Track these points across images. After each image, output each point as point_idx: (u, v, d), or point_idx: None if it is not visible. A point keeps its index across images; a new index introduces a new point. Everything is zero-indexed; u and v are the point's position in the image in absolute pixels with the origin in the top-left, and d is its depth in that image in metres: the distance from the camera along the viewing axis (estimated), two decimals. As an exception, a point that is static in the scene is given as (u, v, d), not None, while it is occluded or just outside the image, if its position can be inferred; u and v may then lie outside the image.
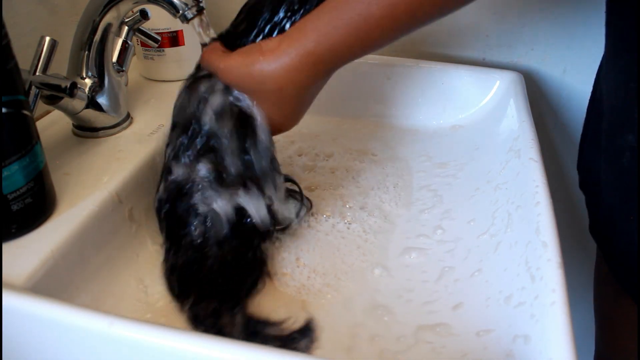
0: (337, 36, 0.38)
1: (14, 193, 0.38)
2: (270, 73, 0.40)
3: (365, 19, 0.37)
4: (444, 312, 0.42)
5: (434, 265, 0.47)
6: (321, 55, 0.39)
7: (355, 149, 0.62)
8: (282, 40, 0.40)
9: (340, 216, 0.52)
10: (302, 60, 0.39)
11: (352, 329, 0.41)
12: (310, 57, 0.39)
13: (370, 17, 0.37)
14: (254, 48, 0.41)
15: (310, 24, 0.39)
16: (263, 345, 0.30)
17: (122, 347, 0.32)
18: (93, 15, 0.49)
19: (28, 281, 0.36)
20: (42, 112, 0.56)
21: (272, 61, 0.40)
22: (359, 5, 0.37)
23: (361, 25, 0.38)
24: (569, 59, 0.69)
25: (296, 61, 0.39)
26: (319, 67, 0.40)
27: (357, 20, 0.38)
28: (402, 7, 0.37)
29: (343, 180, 0.57)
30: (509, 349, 0.36)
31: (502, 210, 0.48)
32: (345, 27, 0.38)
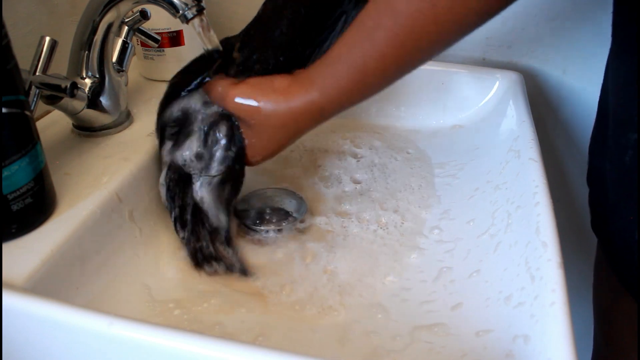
0: (338, 88, 0.42)
1: (14, 193, 0.38)
2: (278, 111, 0.43)
3: (362, 71, 0.40)
4: (443, 312, 0.42)
5: (432, 265, 0.47)
6: (324, 105, 0.42)
7: (355, 148, 0.62)
8: (292, 84, 0.43)
9: (337, 214, 0.52)
10: (307, 106, 0.42)
11: (352, 328, 0.41)
12: (314, 105, 0.42)
13: (366, 68, 0.40)
14: (265, 83, 0.44)
15: (316, 74, 0.43)
16: (263, 346, 0.30)
17: (122, 347, 0.32)
18: (93, 15, 0.48)
19: (28, 281, 0.36)
20: (42, 112, 0.56)
21: (282, 101, 0.43)
22: (356, 58, 0.40)
23: (359, 77, 0.41)
24: (569, 59, 0.69)
25: (302, 107, 0.42)
26: (321, 114, 0.43)
27: (355, 72, 0.41)
28: (390, 58, 0.40)
29: (343, 179, 0.57)
30: (509, 349, 0.36)
31: (502, 210, 0.48)
32: (346, 80, 0.41)
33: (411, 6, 0.37)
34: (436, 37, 0.38)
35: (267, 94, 0.43)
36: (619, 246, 0.48)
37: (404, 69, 0.41)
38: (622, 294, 0.51)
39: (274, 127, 0.44)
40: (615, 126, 0.47)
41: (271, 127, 0.44)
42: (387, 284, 0.46)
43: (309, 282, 0.46)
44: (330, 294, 0.45)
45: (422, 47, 0.39)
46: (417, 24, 0.37)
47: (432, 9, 0.37)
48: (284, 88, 0.43)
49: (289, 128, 0.44)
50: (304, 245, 0.49)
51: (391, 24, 0.38)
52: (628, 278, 0.48)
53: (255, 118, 0.44)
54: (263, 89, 0.44)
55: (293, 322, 0.42)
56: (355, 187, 0.56)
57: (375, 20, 0.39)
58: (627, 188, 0.45)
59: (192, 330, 0.31)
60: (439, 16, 0.37)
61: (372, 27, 0.39)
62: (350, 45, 0.41)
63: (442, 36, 0.38)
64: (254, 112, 0.44)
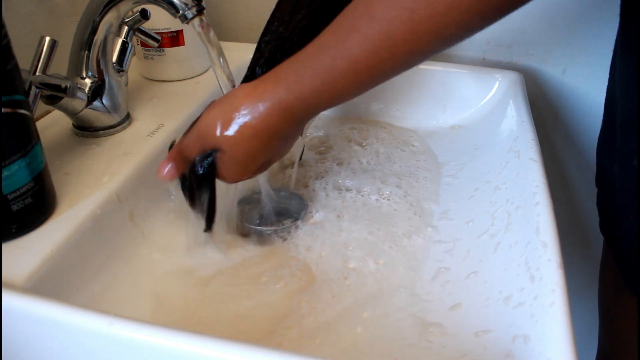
0: (305, 85, 0.40)
1: (14, 193, 0.38)
2: (247, 118, 0.41)
3: (331, 71, 0.39)
4: (442, 312, 0.42)
5: (431, 265, 0.47)
6: (292, 103, 0.40)
7: (354, 148, 0.62)
8: (258, 85, 0.41)
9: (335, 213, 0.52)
10: (274, 106, 0.40)
11: (352, 328, 0.42)
12: (282, 103, 0.40)
13: (335, 69, 0.38)
14: (229, 97, 0.42)
15: (283, 71, 0.41)
16: (263, 346, 0.30)
17: (121, 347, 0.32)
18: (93, 15, 0.48)
19: (28, 281, 0.36)
20: (42, 112, 0.56)
21: (249, 105, 0.41)
22: (325, 59, 0.38)
23: (327, 77, 0.39)
24: (569, 59, 0.69)
25: (270, 107, 0.40)
26: (290, 114, 0.41)
27: (323, 72, 0.39)
28: (363, 63, 0.38)
29: (340, 178, 0.57)
30: (509, 349, 0.36)
31: (501, 211, 0.48)
32: (313, 78, 0.39)
33: (389, 12, 0.36)
34: (412, 47, 0.37)
35: (232, 105, 0.41)
36: (626, 247, 0.48)
37: (378, 76, 0.39)
38: (626, 292, 0.51)
39: (249, 138, 0.41)
40: (622, 130, 0.47)
41: (246, 139, 0.41)
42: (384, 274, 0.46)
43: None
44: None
45: (397, 55, 0.37)
46: (393, 31, 0.36)
47: (410, 16, 0.35)
48: (249, 92, 0.41)
49: (264, 135, 0.41)
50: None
51: (366, 29, 0.37)
52: (631, 278, 0.48)
53: (229, 133, 0.41)
54: (227, 102, 0.42)
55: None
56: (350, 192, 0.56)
57: (351, 22, 0.38)
58: (635, 191, 0.45)
59: (192, 330, 0.31)
60: (417, 25, 0.35)
61: (347, 29, 0.38)
62: (323, 46, 0.39)
63: (419, 46, 0.36)
64: (226, 125, 0.41)
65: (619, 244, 0.50)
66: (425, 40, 0.36)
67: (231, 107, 0.41)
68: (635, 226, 0.45)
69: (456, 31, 0.36)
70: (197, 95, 0.61)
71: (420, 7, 0.35)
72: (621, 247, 0.50)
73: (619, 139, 0.47)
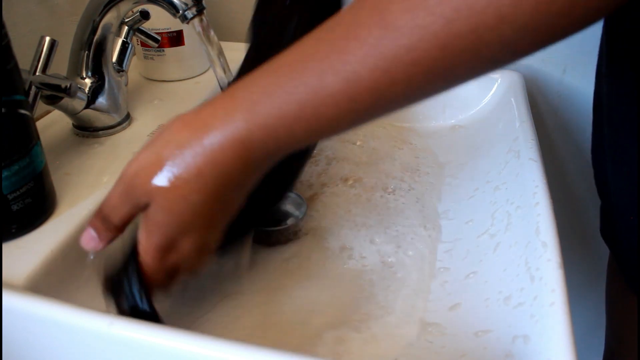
0: (275, 110, 0.28)
1: (14, 193, 0.38)
2: (184, 161, 0.30)
3: (316, 93, 0.28)
4: (442, 312, 0.42)
5: (431, 265, 0.47)
6: (252, 136, 0.29)
7: (354, 148, 0.62)
8: (202, 111, 0.31)
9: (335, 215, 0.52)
10: (226, 140, 0.29)
11: (353, 326, 0.42)
12: (236, 136, 0.29)
13: (322, 90, 0.27)
14: (164, 131, 0.31)
15: (243, 89, 0.30)
16: (263, 346, 0.30)
17: (122, 347, 0.32)
18: (93, 15, 0.49)
19: (28, 281, 0.36)
20: (42, 112, 0.56)
21: (188, 141, 0.30)
22: (309, 74, 0.28)
23: (309, 101, 0.28)
24: (569, 59, 0.69)
25: (218, 143, 0.29)
26: (248, 153, 0.29)
27: (304, 93, 0.28)
28: (364, 84, 0.27)
29: (341, 177, 0.57)
30: (508, 349, 0.36)
31: (501, 211, 0.48)
32: (288, 100, 0.28)
33: (413, 20, 0.26)
34: (437, 69, 0.27)
35: (160, 151, 0.30)
36: (625, 247, 0.48)
37: (382, 104, 0.28)
38: (632, 293, 0.51)
39: (184, 194, 0.30)
40: (610, 129, 0.47)
41: (178, 199, 0.30)
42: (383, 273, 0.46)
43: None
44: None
45: (415, 78, 0.27)
46: (415, 45, 0.26)
47: (444, 27, 0.25)
48: (188, 122, 0.30)
49: (206, 182, 0.30)
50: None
51: (375, 38, 0.26)
52: (631, 278, 0.48)
53: (157, 196, 0.30)
54: (155, 149, 0.31)
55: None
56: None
57: (353, 28, 0.27)
58: (629, 190, 0.45)
59: (192, 330, 0.31)
60: (452, 40, 0.26)
61: (346, 36, 0.27)
62: (306, 56, 0.28)
63: (446, 68, 0.27)
64: (152, 169, 0.30)
65: (618, 243, 0.50)
66: (458, 61, 0.27)
67: (163, 145, 0.30)
68: (634, 226, 0.45)
69: (498, 54, 0.27)
70: (197, 95, 0.61)
71: (461, 17, 0.25)
72: (620, 247, 0.50)
73: (607, 137, 0.47)
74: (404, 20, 0.26)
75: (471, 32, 0.25)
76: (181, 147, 0.30)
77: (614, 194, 0.48)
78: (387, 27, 0.27)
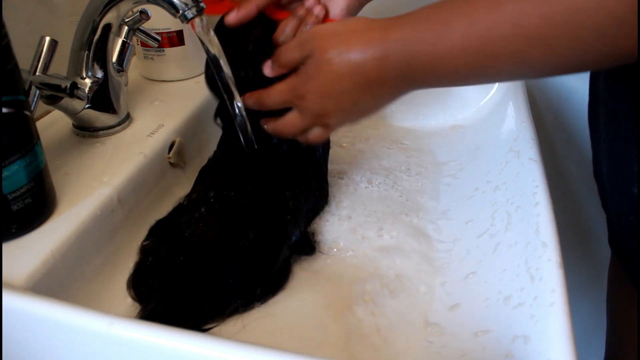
0: (448, 42, 0.33)
1: (14, 193, 0.38)
2: (356, 51, 0.36)
3: (488, 30, 0.31)
4: (442, 312, 0.42)
5: (431, 265, 0.47)
6: (415, 60, 0.35)
7: (354, 148, 0.62)
8: (392, 25, 0.36)
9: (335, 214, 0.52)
10: (396, 52, 0.35)
11: (352, 326, 0.42)
12: (404, 55, 0.35)
13: (496, 28, 0.31)
14: (352, 20, 0.39)
15: (430, 15, 0.34)
16: (263, 346, 0.30)
17: (122, 347, 0.32)
18: (93, 15, 0.48)
19: (28, 281, 0.36)
20: (42, 112, 0.56)
21: (368, 40, 0.36)
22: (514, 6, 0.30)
23: (481, 37, 0.31)
24: (569, 59, 0.69)
25: (387, 53, 0.35)
26: (405, 73, 0.36)
27: (478, 28, 0.31)
28: (533, 32, 0.30)
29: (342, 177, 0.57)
30: (508, 349, 0.36)
31: (501, 211, 0.48)
32: (462, 34, 0.32)
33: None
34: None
35: (345, 32, 0.37)
36: (630, 248, 0.48)
37: (530, 61, 0.31)
38: (634, 294, 0.51)
39: (340, 65, 0.36)
40: (606, 128, 0.47)
41: (335, 65, 0.37)
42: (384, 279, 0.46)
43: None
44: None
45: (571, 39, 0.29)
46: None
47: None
48: (379, 26, 0.36)
49: (359, 73, 0.36)
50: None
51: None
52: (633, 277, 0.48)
53: (319, 52, 0.37)
54: (340, 27, 0.38)
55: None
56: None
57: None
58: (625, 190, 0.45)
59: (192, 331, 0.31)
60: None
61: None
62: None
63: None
64: (319, 46, 0.37)
65: (618, 242, 0.50)
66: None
67: (348, 29, 0.37)
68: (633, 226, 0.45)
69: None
70: (197, 95, 0.61)
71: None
72: (621, 246, 0.50)
73: (603, 136, 0.47)
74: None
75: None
76: (366, 41, 0.36)
77: (609, 194, 0.48)
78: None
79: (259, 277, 0.44)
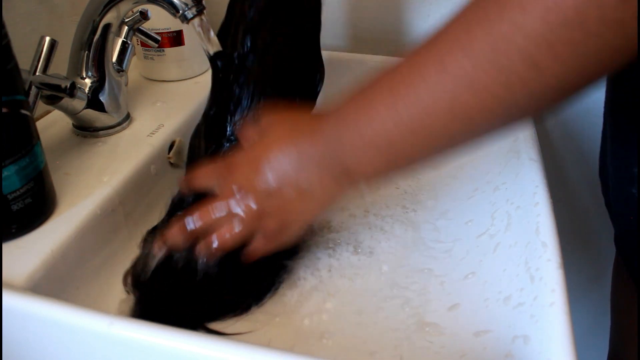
0: (396, 134, 0.30)
1: (14, 193, 0.38)
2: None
3: (431, 118, 0.28)
4: (442, 312, 0.42)
5: (430, 265, 0.47)
6: (351, 166, 0.34)
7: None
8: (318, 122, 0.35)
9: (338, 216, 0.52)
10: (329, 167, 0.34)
11: (351, 326, 0.42)
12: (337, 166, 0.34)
13: (458, 105, 0.27)
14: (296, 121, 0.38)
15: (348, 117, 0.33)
16: (262, 346, 0.30)
17: (122, 347, 0.32)
18: (93, 15, 0.49)
19: (28, 281, 0.36)
20: (42, 112, 0.56)
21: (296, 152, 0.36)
22: (440, 88, 0.27)
23: (423, 125, 0.28)
24: (569, 59, 0.69)
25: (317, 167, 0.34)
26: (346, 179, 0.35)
27: (421, 118, 0.28)
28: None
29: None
30: (508, 349, 0.36)
31: (501, 211, 0.48)
32: (409, 123, 0.29)
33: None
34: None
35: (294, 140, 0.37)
36: (634, 247, 0.48)
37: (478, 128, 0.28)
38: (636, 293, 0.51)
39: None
40: (610, 119, 0.47)
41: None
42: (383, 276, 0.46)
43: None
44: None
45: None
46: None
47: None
48: (314, 129, 0.35)
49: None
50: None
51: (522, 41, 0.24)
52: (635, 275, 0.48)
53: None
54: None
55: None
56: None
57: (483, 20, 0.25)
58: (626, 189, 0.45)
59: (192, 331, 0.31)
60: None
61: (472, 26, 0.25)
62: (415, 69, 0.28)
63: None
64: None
65: (619, 240, 0.50)
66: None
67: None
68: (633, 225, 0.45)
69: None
70: (197, 95, 0.61)
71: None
72: (623, 244, 0.50)
73: (609, 133, 0.47)
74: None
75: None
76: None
77: (612, 191, 0.48)
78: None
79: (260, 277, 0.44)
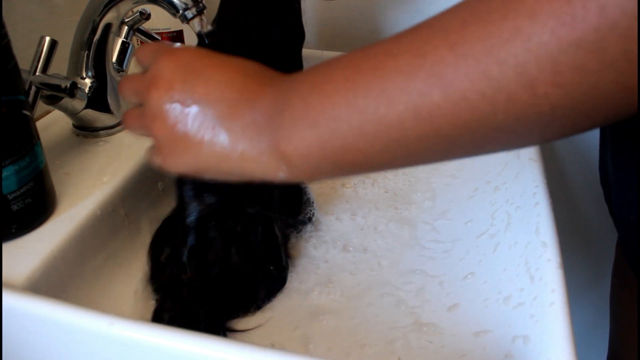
0: (341, 131, 0.26)
1: (14, 193, 0.38)
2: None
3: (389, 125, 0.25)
4: (441, 312, 0.42)
5: (430, 265, 0.47)
6: (288, 153, 0.28)
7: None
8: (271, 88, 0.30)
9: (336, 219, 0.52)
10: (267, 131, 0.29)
11: (351, 326, 0.42)
12: (279, 141, 0.29)
13: (425, 108, 0.24)
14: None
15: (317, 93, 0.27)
16: (262, 346, 0.30)
17: (122, 347, 0.32)
18: (93, 15, 0.49)
19: (28, 281, 0.36)
20: (42, 112, 0.56)
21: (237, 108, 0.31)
22: (411, 83, 0.24)
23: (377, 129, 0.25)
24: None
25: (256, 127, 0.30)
26: (282, 161, 0.29)
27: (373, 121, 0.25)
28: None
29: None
30: (508, 349, 0.36)
31: (501, 211, 0.48)
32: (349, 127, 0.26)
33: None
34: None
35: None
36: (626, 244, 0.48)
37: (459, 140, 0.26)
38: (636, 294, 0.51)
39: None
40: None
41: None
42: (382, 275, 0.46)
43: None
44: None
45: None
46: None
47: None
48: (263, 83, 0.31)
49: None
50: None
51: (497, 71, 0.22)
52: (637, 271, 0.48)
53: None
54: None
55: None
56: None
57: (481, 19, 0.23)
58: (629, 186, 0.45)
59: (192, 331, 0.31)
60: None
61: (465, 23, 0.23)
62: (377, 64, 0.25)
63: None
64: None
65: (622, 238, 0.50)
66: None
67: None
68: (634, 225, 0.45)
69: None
70: (197, 95, 0.60)
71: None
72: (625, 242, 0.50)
73: (608, 127, 0.47)
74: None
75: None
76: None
77: (614, 188, 0.48)
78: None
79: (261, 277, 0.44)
